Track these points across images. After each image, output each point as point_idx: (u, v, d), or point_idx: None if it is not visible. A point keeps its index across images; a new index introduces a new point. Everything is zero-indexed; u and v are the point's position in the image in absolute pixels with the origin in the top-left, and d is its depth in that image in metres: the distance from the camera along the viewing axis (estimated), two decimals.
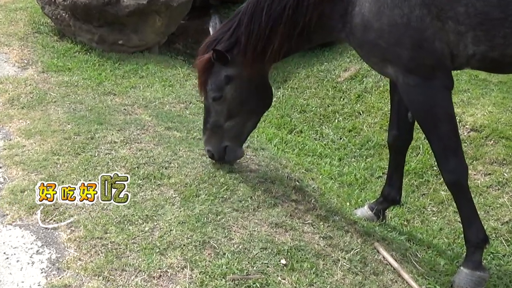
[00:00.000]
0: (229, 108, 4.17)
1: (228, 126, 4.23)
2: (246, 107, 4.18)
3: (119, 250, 3.37)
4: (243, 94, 4.12)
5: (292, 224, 3.87)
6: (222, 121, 4.22)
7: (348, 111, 7.21)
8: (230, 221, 3.76)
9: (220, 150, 4.30)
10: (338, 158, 6.16)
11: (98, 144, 4.83)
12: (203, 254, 3.38)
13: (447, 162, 3.62)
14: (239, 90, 4.11)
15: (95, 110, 5.83)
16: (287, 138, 6.54)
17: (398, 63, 3.48)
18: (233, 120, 4.21)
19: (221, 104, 4.16)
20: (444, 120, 3.56)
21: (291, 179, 4.69)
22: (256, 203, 4.05)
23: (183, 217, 3.73)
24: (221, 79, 4.10)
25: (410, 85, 3.49)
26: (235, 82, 4.09)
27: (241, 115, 4.20)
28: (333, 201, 4.70)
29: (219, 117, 4.21)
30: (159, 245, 3.41)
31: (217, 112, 4.21)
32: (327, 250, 3.70)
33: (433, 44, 3.39)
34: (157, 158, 4.60)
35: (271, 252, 3.48)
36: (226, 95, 4.12)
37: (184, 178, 4.30)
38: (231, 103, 4.15)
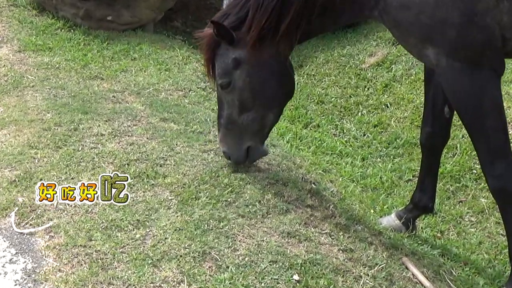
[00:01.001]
0: (241, 98, 4.10)
1: (243, 121, 4.16)
2: (260, 97, 4.10)
3: (106, 260, 3.35)
4: (255, 82, 4.05)
5: (306, 234, 3.85)
6: (236, 115, 4.15)
7: (374, 103, 7.19)
8: (235, 229, 3.74)
9: (240, 152, 4.24)
10: (361, 158, 6.16)
11: (82, 137, 4.82)
12: (203, 267, 3.36)
13: (493, 165, 3.58)
14: (250, 77, 4.04)
15: (79, 97, 5.82)
16: (301, 133, 6.54)
17: (441, 44, 3.43)
18: (249, 114, 4.14)
19: (232, 93, 4.10)
20: (492, 114, 3.51)
21: (306, 181, 4.67)
22: (265, 209, 4.04)
23: (180, 223, 3.71)
24: (228, 62, 4.04)
25: (454, 70, 3.44)
26: (244, 67, 4.03)
27: (256, 107, 4.12)
28: (354, 207, 4.68)
29: (231, 109, 4.14)
30: (152, 256, 3.39)
31: (228, 103, 4.15)
32: (347, 265, 3.68)
33: (485, 20, 3.33)
34: (151, 154, 4.58)
35: (282, 266, 3.46)
36: (235, 83, 4.06)
37: (181, 177, 4.27)
38: (242, 92, 4.08)
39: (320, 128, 6.84)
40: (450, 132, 4.39)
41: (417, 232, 4.70)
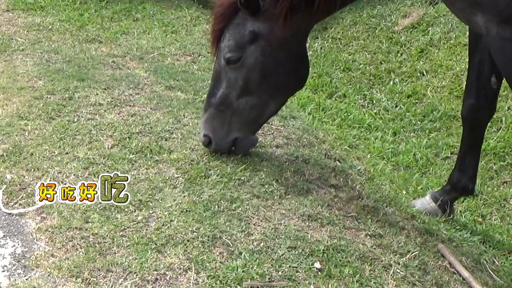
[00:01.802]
0: (247, 78, 4.02)
1: (241, 105, 4.10)
2: (269, 81, 4.03)
3: (104, 244, 3.35)
4: (269, 62, 3.97)
5: (330, 217, 3.83)
6: (234, 97, 4.08)
7: (407, 70, 7.14)
8: (249, 211, 3.73)
9: (224, 142, 4.18)
10: (392, 132, 6.13)
11: (77, 107, 4.81)
12: (213, 252, 3.36)
13: None
14: (267, 55, 3.96)
15: (74, 62, 5.82)
16: (325, 104, 6.51)
17: (492, 11, 3.39)
18: (250, 98, 4.08)
19: (238, 71, 4.02)
20: None
21: (329, 158, 4.65)
22: (283, 189, 4.02)
23: (188, 204, 3.71)
24: (243, 34, 3.95)
25: (505, 38, 3.42)
26: (262, 43, 3.94)
27: (261, 92, 4.06)
28: (384, 188, 4.66)
29: (230, 89, 4.08)
30: (156, 240, 3.39)
31: (229, 81, 4.07)
32: (375, 252, 3.66)
33: None
34: (155, 127, 4.58)
35: (302, 253, 3.45)
36: (246, 59, 3.97)
37: (189, 153, 4.27)
38: (250, 72, 4.01)
39: (346, 99, 6.79)
40: (496, 105, 4.34)
41: (455, 216, 4.67)
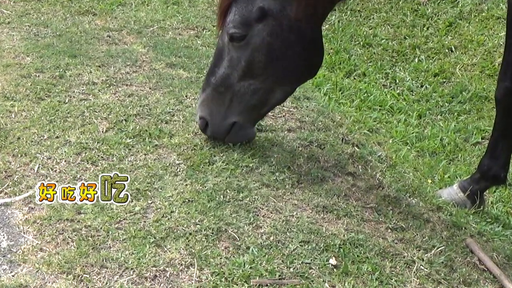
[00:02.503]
0: (251, 59, 3.97)
1: (242, 88, 4.06)
2: (276, 65, 3.97)
3: (98, 238, 3.36)
4: (276, 43, 3.92)
5: (347, 209, 3.84)
6: (235, 78, 4.04)
7: (434, 46, 7.12)
8: (258, 202, 3.73)
9: (222, 125, 4.13)
10: (417, 115, 6.11)
11: (69, 86, 4.82)
12: (217, 247, 3.37)
13: None
14: (275, 37, 3.91)
15: (65, 36, 5.82)
16: (343, 83, 6.50)
17: None
18: (252, 81, 4.03)
19: (241, 50, 3.97)
20: None
21: (347, 142, 4.65)
22: (296, 177, 4.02)
23: (190, 193, 3.71)
24: (251, 10, 3.90)
25: None
26: (272, 22, 3.90)
27: (265, 77, 4.01)
28: (407, 176, 4.64)
29: (232, 69, 4.04)
30: (155, 233, 3.40)
31: (231, 60, 4.03)
32: (397, 247, 3.66)
33: None
34: (154, 108, 4.58)
35: (316, 248, 3.45)
36: (252, 38, 3.92)
37: (192, 137, 4.27)
38: (255, 53, 3.95)
39: (366, 77, 6.77)
40: None
41: (486, 207, 4.66)
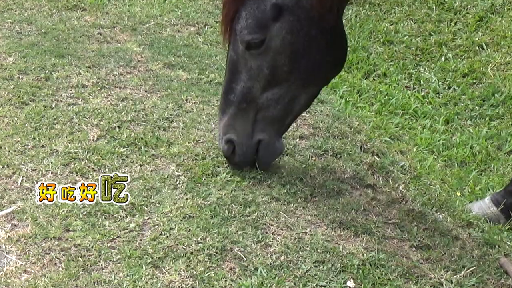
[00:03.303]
0: (275, 64, 3.93)
1: (267, 99, 4.02)
2: (302, 65, 3.94)
3: (88, 258, 3.36)
4: (301, 41, 3.88)
5: (366, 225, 3.83)
6: (258, 90, 4.01)
7: (463, 43, 7.11)
8: (266, 217, 3.74)
9: (250, 144, 4.09)
10: (444, 120, 6.08)
11: (56, 89, 4.83)
12: (222, 268, 3.36)
13: None
14: (296, 33, 3.87)
15: (52, 34, 5.84)
16: (361, 85, 6.49)
17: None
18: (277, 90, 4.00)
19: (261, 57, 3.93)
20: None
21: (366, 151, 4.66)
22: (309, 190, 4.02)
23: (191, 208, 3.72)
24: (264, 9, 3.86)
25: None
26: (289, 18, 3.86)
27: (292, 81, 3.98)
28: (434, 188, 4.63)
29: (253, 81, 4.00)
30: (152, 253, 3.40)
31: (251, 71, 3.99)
32: (422, 267, 3.65)
33: None
34: (151, 114, 4.59)
35: (332, 269, 3.45)
36: (271, 40, 3.88)
37: (193, 146, 4.27)
38: (278, 56, 3.91)
39: (387, 78, 6.74)
40: None
41: None
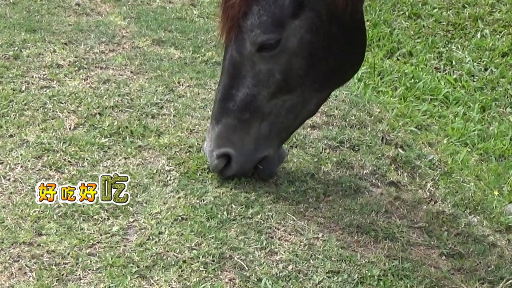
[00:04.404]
0: (290, 68, 3.92)
1: (275, 108, 4.02)
2: (319, 68, 3.94)
3: (64, 267, 3.35)
4: (321, 41, 3.87)
5: (388, 229, 3.83)
6: (265, 97, 3.99)
7: (502, 17, 7.15)
8: (272, 220, 3.74)
9: (251, 161, 4.08)
10: (479, 107, 6.10)
11: (27, 69, 4.87)
12: (220, 279, 3.35)
13: None
14: (315, 32, 3.85)
15: (21, 4, 5.87)
16: (383, 65, 6.51)
17: None
18: (289, 96, 4.00)
19: (274, 60, 3.91)
20: None
21: (389, 143, 4.67)
22: (322, 188, 4.02)
23: (184, 209, 3.72)
24: (282, 4, 3.82)
25: None
26: (309, 14, 3.84)
27: (306, 86, 3.98)
28: (467, 187, 4.63)
29: (261, 87, 3.99)
30: (138, 261, 3.39)
31: (259, 76, 3.96)
32: (454, 279, 3.64)
33: None
34: (137, 98, 4.62)
35: (348, 280, 3.44)
36: (288, 41, 3.86)
37: (186, 136, 4.30)
38: (294, 59, 3.91)
39: (413, 58, 6.75)
40: None
41: None
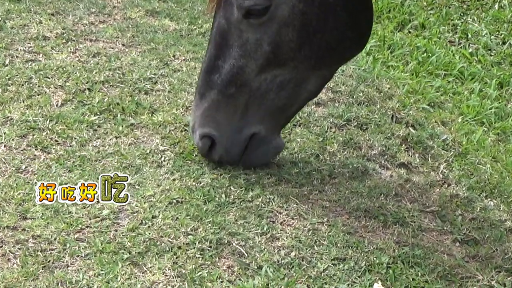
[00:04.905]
0: (279, 39, 3.90)
1: (264, 83, 4.00)
2: (314, 42, 3.90)
3: (50, 253, 3.36)
4: (314, 11, 3.82)
5: (398, 213, 3.82)
6: (253, 71, 3.97)
7: None
8: (273, 203, 3.73)
9: (237, 140, 4.06)
10: (497, 83, 6.10)
11: (10, 42, 4.89)
12: (218, 266, 3.36)
13: None
14: (310, 1, 3.80)
15: None
16: (393, 38, 6.51)
17: None
18: (279, 71, 3.98)
19: (262, 29, 3.90)
20: None
21: (399, 121, 4.67)
22: (327, 169, 4.02)
23: (179, 192, 3.73)
24: None
25: None
26: None
27: (300, 61, 3.95)
28: (483, 168, 4.63)
29: (248, 59, 3.97)
30: (130, 247, 3.39)
31: (246, 46, 3.95)
32: (468, 267, 3.64)
33: None
34: (129, 73, 4.63)
35: (355, 268, 3.44)
36: (278, 8, 3.83)
37: (182, 113, 4.31)
38: (285, 29, 3.87)
39: (425, 31, 6.75)
40: None
41: None
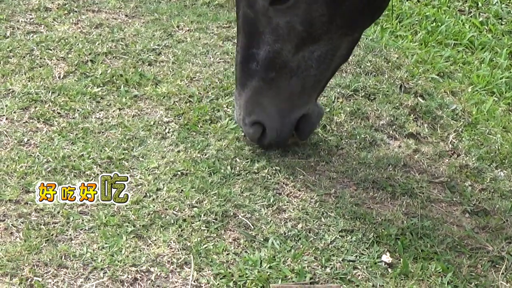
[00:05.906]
0: (310, 16, 3.90)
1: (303, 61, 4.02)
2: (344, 11, 3.90)
3: (54, 227, 3.38)
4: None
5: (406, 184, 3.85)
6: (290, 52, 4.00)
7: None
8: (280, 175, 3.76)
9: (287, 125, 4.04)
10: (508, 52, 6.10)
11: (11, 13, 4.89)
12: (223, 239, 3.38)
13: None
14: None
15: None
16: (402, 8, 6.51)
17: None
18: (316, 46, 4.00)
19: (291, 11, 3.90)
20: None
21: (408, 91, 4.69)
22: (334, 140, 4.06)
23: (184, 163, 3.75)
24: None
25: None
26: None
27: (332, 32, 3.96)
28: (494, 139, 4.64)
29: (283, 42, 4.00)
30: (134, 220, 3.42)
31: (277, 30, 3.97)
32: (478, 238, 3.66)
33: None
34: (133, 44, 4.64)
35: (362, 240, 3.47)
36: None
37: (186, 84, 4.33)
38: (313, 6, 3.86)
39: (435, 0, 6.75)
40: None
41: None
